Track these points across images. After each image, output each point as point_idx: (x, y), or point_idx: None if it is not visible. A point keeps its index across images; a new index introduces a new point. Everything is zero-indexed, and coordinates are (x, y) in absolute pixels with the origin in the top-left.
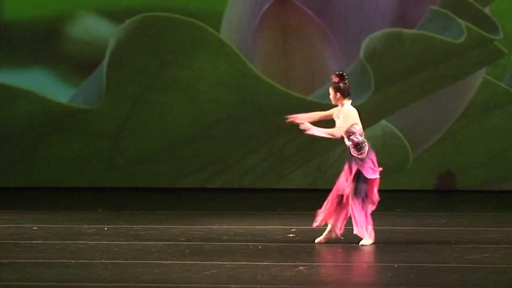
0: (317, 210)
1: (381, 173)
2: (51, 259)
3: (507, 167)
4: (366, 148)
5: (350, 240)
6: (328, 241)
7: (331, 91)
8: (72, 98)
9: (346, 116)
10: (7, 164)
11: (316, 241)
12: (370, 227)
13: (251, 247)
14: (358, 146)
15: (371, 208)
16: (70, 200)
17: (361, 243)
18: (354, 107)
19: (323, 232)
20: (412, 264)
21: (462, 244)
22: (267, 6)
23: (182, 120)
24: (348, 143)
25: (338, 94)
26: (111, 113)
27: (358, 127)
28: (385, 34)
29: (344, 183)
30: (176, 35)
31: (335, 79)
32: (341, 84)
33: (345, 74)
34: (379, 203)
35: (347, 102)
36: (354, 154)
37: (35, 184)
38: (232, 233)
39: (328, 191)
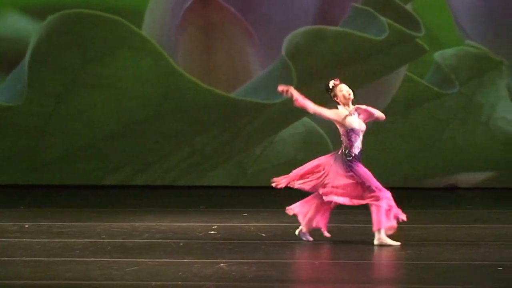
0: None
1: None
2: None
3: (428, 164)
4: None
5: (271, 237)
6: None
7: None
8: None
9: None
10: None
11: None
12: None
13: (172, 244)
14: None
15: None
16: None
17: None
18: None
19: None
20: (333, 261)
21: None
22: (189, 3)
23: (105, 117)
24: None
25: None
26: (34, 111)
27: None
28: (307, 31)
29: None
30: (99, 32)
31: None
32: None
33: None
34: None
35: None
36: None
37: None
38: (153, 230)
39: (250, 188)
